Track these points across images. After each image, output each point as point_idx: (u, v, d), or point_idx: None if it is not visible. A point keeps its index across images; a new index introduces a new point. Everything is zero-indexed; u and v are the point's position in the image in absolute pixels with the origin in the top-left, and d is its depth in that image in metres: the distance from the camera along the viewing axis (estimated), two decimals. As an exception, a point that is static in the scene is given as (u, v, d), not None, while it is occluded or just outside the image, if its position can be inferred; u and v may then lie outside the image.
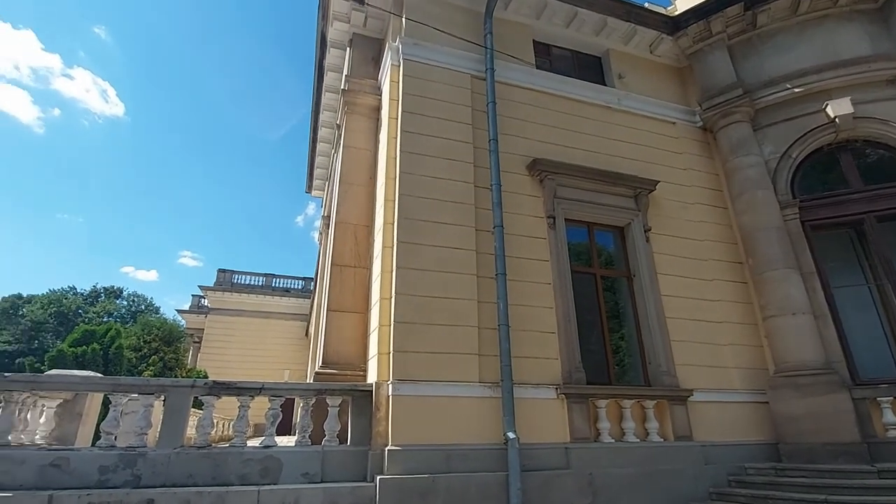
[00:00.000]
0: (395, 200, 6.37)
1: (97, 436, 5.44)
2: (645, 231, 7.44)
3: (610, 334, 7.06)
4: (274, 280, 31.19)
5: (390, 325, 5.78)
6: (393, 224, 6.25)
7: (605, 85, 8.59)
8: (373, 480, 5.10)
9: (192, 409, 6.03)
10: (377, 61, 8.72)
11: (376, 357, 5.86)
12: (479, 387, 5.74)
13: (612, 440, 6.12)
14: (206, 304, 30.90)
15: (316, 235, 20.39)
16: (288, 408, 6.70)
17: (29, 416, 5.28)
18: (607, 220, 7.54)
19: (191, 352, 28.63)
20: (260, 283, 30.92)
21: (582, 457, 5.82)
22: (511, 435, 5.44)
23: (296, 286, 31.29)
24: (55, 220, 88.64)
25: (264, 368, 25.77)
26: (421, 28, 7.34)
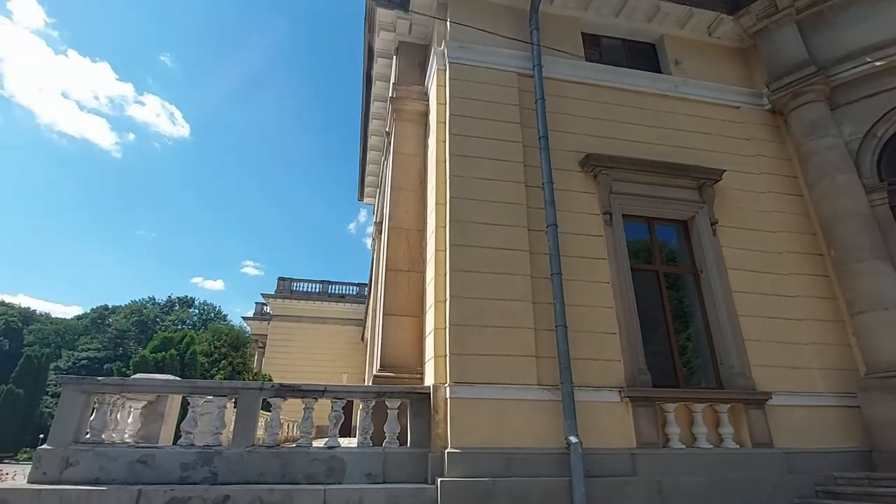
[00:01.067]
0: (446, 204, 6.39)
1: (177, 435, 5.82)
2: (711, 224, 7.00)
3: (676, 334, 6.70)
4: (330, 286, 32.25)
5: (445, 328, 5.79)
6: (445, 227, 6.27)
7: (661, 72, 8.20)
8: (433, 482, 5.11)
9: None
10: (423, 67, 8.82)
11: (433, 360, 5.88)
12: (537, 389, 5.62)
13: (683, 446, 5.80)
14: (268, 310, 32.46)
15: (368, 242, 20.90)
16: (346, 410, 6.87)
17: (119, 416, 5.74)
18: (669, 214, 7.17)
19: (256, 356, 30.15)
20: (317, 290, 32.06)
21: (650, 463, 5.55)
22: (573, 439, 5.28)
23: (350, 292, 32.19)
24: (134, 236, 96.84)
25: (323, 372, 26.60)
26: (466, 30, 7.33)
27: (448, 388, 5.49)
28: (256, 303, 34.88)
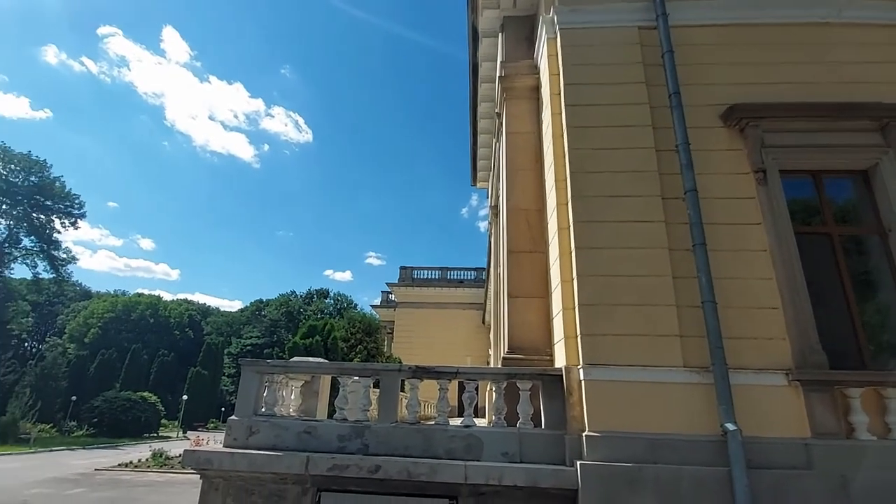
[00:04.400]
0: (566, 179, 6.11)
1: (329, 410, 6.49)
2: (902, 171, 5.73)
3: (857, 307, 5.64)
4: (448, 272, 33.36)
5: (574, 308, 5.57)
6: (567, 205, 6.00)
7: (818, -3, 6.86)
8: (572, 465, 5.00)
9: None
10: (531, 40, 8.49)
11: (563, 341, 5.72)
12: (683, 372, 5.16)
13: (873, 437, 4.88)
14: (392, 298, 34.69)
15: (482, 225, 21.08)
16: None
17: (284, 393, 6.57)
18: (841, 165, 6.01)
19: (386, 341, 32.48)
20: (436, 277, 33.38)
21: (829, 456, 4.78)
22: (731, 426, 4.75)
23: (469, 277, 32.94)
24: (276, 237, 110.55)
25: (447, 355, 27.70)
26: (575, -8, 6.86)
27: (581, 371, 5.30)
28: (382, 291, 37.56)
